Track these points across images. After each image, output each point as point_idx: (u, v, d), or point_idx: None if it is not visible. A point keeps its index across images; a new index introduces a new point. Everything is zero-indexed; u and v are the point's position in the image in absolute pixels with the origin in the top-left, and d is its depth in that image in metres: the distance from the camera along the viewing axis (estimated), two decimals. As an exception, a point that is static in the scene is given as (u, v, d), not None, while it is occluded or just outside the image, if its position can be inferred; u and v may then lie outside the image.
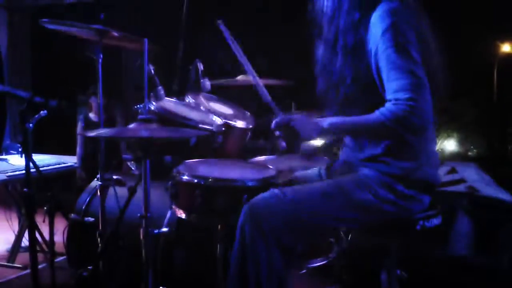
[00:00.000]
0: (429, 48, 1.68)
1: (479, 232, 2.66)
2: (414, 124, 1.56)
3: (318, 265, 2.16)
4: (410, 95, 1.54)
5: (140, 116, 1.75)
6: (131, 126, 1.76)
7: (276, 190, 1.72)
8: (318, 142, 2.65)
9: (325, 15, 1.76)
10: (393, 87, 1.58)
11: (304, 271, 2.15)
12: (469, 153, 3.64)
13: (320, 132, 1.68)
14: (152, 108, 2.21)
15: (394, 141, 1.70)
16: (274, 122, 1.71)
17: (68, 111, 2.98)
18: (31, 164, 2.04)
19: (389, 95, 1.60)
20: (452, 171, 3.01)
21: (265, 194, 1.73)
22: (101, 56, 2.11)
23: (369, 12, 1.65)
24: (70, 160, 3.27)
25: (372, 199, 1.70)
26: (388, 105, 1.59)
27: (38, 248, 2.35)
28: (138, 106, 2.18)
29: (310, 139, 1.68)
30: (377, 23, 1.62)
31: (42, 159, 3.02)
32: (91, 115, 4.02)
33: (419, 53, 1.60)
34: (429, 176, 1.75)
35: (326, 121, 1.68)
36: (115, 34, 2.06)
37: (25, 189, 1.94)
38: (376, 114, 1.60)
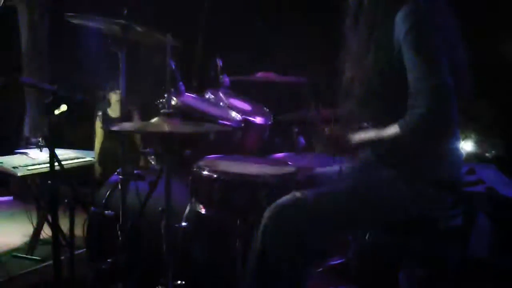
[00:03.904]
0: (454, 47, 1.67)
1: (499, 233, 2.63)
2: (430, 129, 1.58)
3: (336, 264, 2.16)
4: (425, 100, 1.55)
5: (163, 111, 1.76)
6: (154, 120, 1.77)
7: (297, 193, 1.72)
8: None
9: (362, 8, 1.76)
10: (411, 89, 1.59)
11: (321, 269, 2.15)
12: (487, 154, 3.60)
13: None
14: (173, 103, 2.22)
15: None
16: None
17: (91, 105, 3.02)
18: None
19: (410, 96, 1.60)
20: (471, 171, 2.98)
21: (287, 197, 1.72)
22: (124, 51, 2.13)
23: (398, 8, 1.65)
24: (88, 155, 3.31)
25: (395, 198, 1.70)
26: (406, 116, 1.60)
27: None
28: (159, 101, 2.19)
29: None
30: (401, 23, 1.62)
31: (61, 153, 3.05)
32: (109, 111, 4.06)
33: (443, 53, 1.59)
34: (452, 175, 1.74)
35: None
36: (139, 29, 2.07)
37: (49, 182, 1.96)
38: (395, 128, 1.63)
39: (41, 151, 3.09)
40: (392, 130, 1.64)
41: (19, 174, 2.78)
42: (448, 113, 1.56)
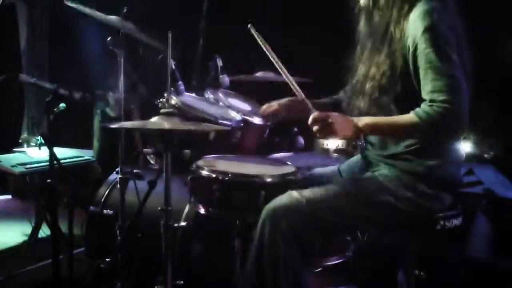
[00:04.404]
0: (461, 46, 1.67)
1: (498, 234, 2.64)
2: (449, 126, 1.57)
3: (334, 264, 2.16)
4: (446, 97, 1.54)
5: (162, 110, 1.76)
6: (153, 119, 1.77)
7: (294, 192, 1.73)
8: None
9: (377, 6, 1.75)
10: (429, 87, 1.58)
11: (320, 269, 2.15)
12: (486, 155, 3.60)
13: (356, 131, 1.68)
14: (173, 102, 2.22)
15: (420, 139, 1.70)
16: (311, 117, 1.69)
17: (91, 104, 3.01)
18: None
19: (424, 95, 1.60)
20: (470, 172, 2.99)
21: (283, 196, 1.73)
22: (124, 49, 2.12)
23: (412, 6, 1.66)
24: (87, 154, 3.30)
25: (392, 200, 1.70)
26: (423, 106, 1.59)
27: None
28: (159, 100, 2.19)
29: (344, 138, 1.67)
30: (417, 21, 1.62)
31: (60, 152, 3.05)
32: (108, 110, 4.05)
33: (457, 53, 1.60)
34: (452, 175, 1.75)
35: (361, 121, 1.68)
36: (139, 27, 2.07)
37: (48, 180, 1.96)
38: (411, 115, 1.60)
39: (40, 149, 3.09)
40: (408, 118, 1.60)
41: (17, 173, 2.78)
42: (466, 111, 1.56)
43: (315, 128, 1.68)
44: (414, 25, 1.63)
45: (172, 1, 3.84)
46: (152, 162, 2.42)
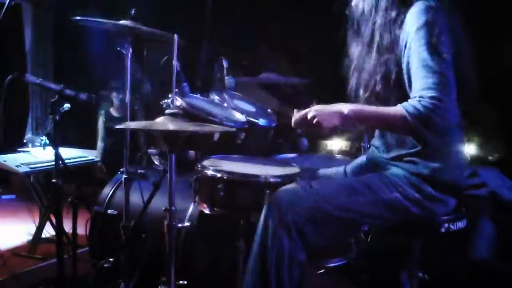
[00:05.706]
0: (460, 47, 1.67)
1: (502, 237, 2.63)
2: (435, 123, 1.55)
3: (337, 265, 2.16)
4: (435, 94, 1.54)
5: (167, 111, 1.76)
6: (158, 119, 1.77)
7: (302, 182, 1.72)
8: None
9: (362, 14, 1.76)
10: (419, 85, 1.58)
11: (323, 270, 2.15)
12: (489, 157, 3.59)
13: (342, 118, 1.63)
14: (177, 103, 2.23)
15: (422, 142, 1.70)
16: (293, 121, 1.67)
17: (96, 105, 3.02)
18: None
19: (414, 93, 1.59)
20: (474, 174, 2.98)
21: (291, 185, 1.74)
22: (131, 51, 2.13)
23: (405, 10, 1.66)
24: (91, 154, 3.32)
25: (400, 197, 1.69)
26: (411, 100, 1.58)
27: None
28: (164, 101, 2.20)
29: (333, 127, 1.63)
30: (411, 20, 1.63)
31: (65, 152, 3.06)
32: (112, 110, 4.07)
33: (450, 53, 1.60)
34: (455, 179, 1.74)
35: (347, 107, 1.63)
36: (146, 30, 2.08)
37: (52, 180, 1.97)
38: (398, 107, 1.59)
39: (44, 149, 3.11)
40: (395, 111, 1.59)
41: (22, 172, 2.79)
42: (452, 111, 1.56)
43: (300, 129, 1.66)
44: (409, 24, 1.63)
45: (177, 2, 3.86)
46: (156, 162, 2.42)
